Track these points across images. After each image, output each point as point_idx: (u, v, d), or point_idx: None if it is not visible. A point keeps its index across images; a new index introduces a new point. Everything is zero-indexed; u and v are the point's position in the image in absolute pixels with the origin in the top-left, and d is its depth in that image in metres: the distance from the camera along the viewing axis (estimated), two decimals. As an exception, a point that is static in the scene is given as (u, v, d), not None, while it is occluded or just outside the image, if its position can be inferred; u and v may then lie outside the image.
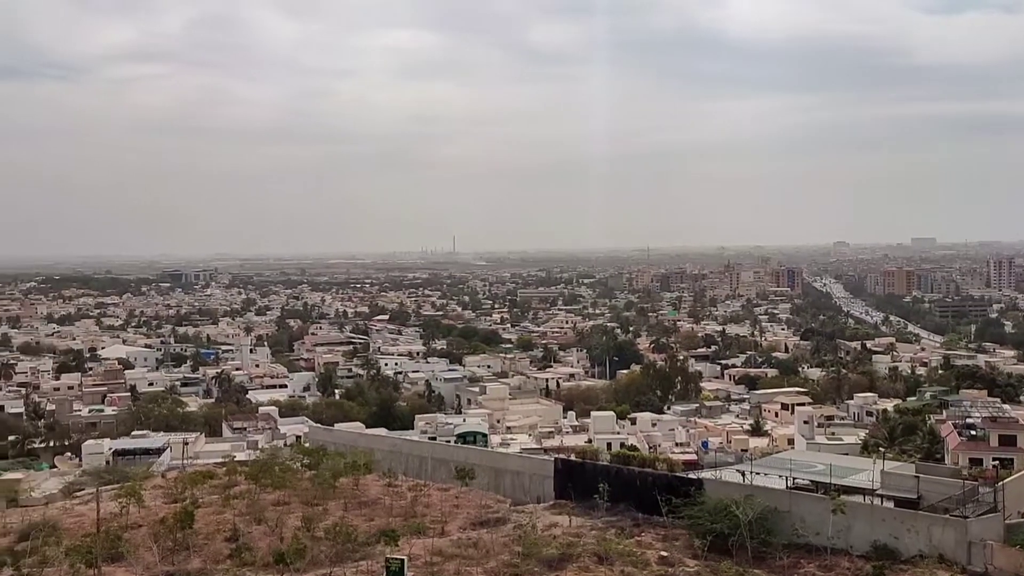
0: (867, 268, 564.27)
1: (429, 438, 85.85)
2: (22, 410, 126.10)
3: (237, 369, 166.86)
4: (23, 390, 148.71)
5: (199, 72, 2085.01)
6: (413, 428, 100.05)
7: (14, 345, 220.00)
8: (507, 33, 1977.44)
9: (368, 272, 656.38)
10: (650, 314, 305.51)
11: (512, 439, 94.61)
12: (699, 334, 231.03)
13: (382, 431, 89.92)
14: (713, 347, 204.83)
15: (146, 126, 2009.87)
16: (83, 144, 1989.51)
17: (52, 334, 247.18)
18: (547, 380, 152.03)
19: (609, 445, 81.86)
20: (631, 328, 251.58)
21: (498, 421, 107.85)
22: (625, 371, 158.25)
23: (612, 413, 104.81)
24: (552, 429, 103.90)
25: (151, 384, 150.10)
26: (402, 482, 58.80)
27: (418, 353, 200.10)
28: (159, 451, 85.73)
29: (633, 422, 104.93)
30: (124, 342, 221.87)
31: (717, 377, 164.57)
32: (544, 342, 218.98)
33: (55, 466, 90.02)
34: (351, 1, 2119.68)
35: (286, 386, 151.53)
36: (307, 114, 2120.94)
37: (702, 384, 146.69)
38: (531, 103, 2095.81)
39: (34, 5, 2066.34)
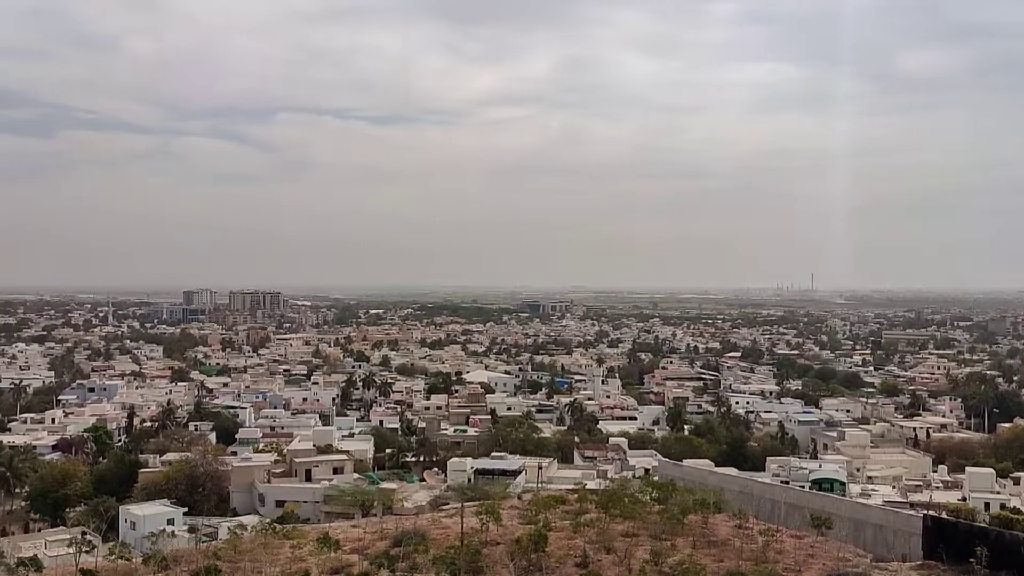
0: None
1: (782, 481, 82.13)
2: (398, 426, 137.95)
3: (589, 399, 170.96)
4: (398, 407, 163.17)
5: (561, 112, 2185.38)
6: (764, 470, 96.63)
7: (392, 366, 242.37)
8: (872, 62, 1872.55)
9: (720, 308, 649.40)
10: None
11: (874, 490, 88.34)
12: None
13: (732, 470, 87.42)
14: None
15: (512, 165, 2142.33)
16: (460, 183, 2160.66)
17: (424, 357, 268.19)
18: (914, 429, 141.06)
19: (987, 505, 73.99)
20: (1015, 377, 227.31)
21: (857, 470, 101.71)
22: (1007, 424, 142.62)
23: (991, 470, 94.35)
24: (919, 483, 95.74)
25: (509, 408, 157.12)
26: (752, 524, 56.57)
27: (771, 392, 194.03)
28: (515, 473, 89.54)
29: (1016, 482, 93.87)
30: (486, 367, 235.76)
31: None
32: (912, 388, 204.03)
33: (424, 479, 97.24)
34: (710, 37, 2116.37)
35: (636, 418, 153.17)
36: (661, 150, 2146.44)
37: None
38: (896, 134, 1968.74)
39: (418, 60, 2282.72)
